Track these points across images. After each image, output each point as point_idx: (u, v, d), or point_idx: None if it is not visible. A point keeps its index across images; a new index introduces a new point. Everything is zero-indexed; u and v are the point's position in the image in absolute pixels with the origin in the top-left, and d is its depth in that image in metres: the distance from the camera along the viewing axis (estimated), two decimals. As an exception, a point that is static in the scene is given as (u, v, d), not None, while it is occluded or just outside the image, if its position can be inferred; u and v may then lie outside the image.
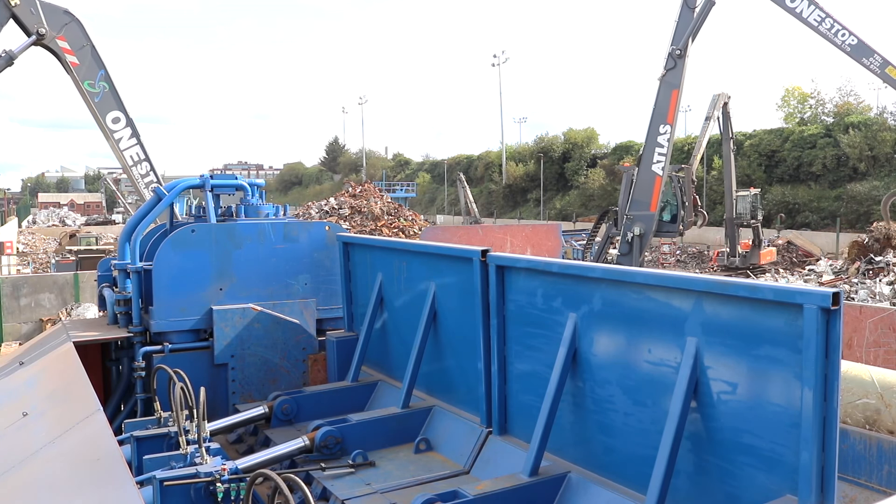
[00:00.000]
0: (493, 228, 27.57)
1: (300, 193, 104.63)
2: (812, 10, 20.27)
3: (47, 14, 15.09)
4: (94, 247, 34.84)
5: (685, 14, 21.23)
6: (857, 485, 4.48)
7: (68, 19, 15.35)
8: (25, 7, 14.79)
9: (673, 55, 21.00)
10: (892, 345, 9.06)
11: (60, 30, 15.23)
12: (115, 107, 16.07)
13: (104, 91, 15.90)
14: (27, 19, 14.88)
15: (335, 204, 37.67)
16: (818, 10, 20.28)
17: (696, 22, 21.15)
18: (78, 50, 15.46)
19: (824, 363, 3.14)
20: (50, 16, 15.12)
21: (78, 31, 15.51)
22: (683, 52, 21.05)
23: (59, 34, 15.21)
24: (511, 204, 73.40)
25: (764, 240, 33.83)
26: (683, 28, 21.17)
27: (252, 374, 6.74)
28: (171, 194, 7.12)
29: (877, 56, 20.73)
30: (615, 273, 4.28)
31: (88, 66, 15.62)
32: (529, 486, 4.34)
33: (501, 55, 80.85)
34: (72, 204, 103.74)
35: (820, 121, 54.90)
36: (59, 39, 15.23)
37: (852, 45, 20.60)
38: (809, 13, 20.28)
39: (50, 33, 15.10)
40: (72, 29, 15.37)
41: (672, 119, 21.30)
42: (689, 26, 21.12)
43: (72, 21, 15.38)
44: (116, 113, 16.02)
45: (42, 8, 15.02)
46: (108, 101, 15.99)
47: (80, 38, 15.55)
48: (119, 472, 3.58)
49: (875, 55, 20.71)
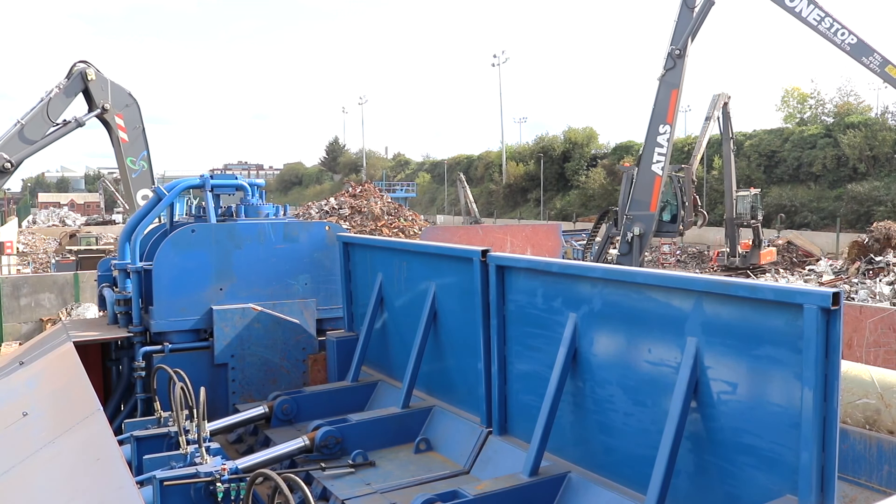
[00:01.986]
0: (493, 228, 27.58)
1: (300, 193, 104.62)
2: (812, 10, 20.27)
3: (114, 93, 17.15)
4: (94, 247, 34.82)
5: (685, 14, 21.21)
6: (857, 485, 4.48)
7: (130, 101, 17.33)
8: (98, 84, 16.87)
9: (672, 55, 21.01)
10: (892, 345, 9.05)
11: (122, 109, 17.21)
12: (147, 185, 17.84)
13: (142, 170, 17.76)
14: (97, 94, 16.90)
15: (335, 204, 37.70)
16: (818, 10, 20.26)
17: (696, 22, 21.14)
18: (131, 130, 17.40)
19: (824, 363, 3.14)
20: (116, 95, 17.17)
21: (135, 113, 17.47)
22: (683, 52, 21.05)
23: (119, 112, 17.19)
24: (511, 204, 73.39)
25: (764, 240, 33.83)
26: (683, 28, 21.16)
27: (252, 374, 6.74)
28: (171, 194, 7.12)
29: (876, 55, 20.73)
30: (615, 273, 4.28)
31: (136, 145, 17.48)
32: (529, 486, 4.34)
33: (501, 55, 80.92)
34: (72, 204, 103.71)
35: (820, 121, 54.92)
36: (118, 117, 17.19)
37: (852, 45, 20.57)
38: (809, 12, 20.28)
39: (112, 110, 17.08)
40: (131, 110, 17.37)
41: (672, 119, 21.30)
42: (688, 26, 21.11)
43: (133, 104, 17.36)
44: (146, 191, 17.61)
45: (111, 87, 17.13)
46: (144, 179, 17.85)
47: (135, 120, 17.45)
48: (119, 472, 3.57)
49: (875, 54, 20.71)
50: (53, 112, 16.48)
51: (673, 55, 20.97)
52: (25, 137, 16.32)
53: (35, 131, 16.30)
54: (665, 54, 21.09)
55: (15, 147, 16.21)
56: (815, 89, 58.35)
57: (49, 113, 16.39)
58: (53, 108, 16.48)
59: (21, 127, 16.21)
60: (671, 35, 21.20)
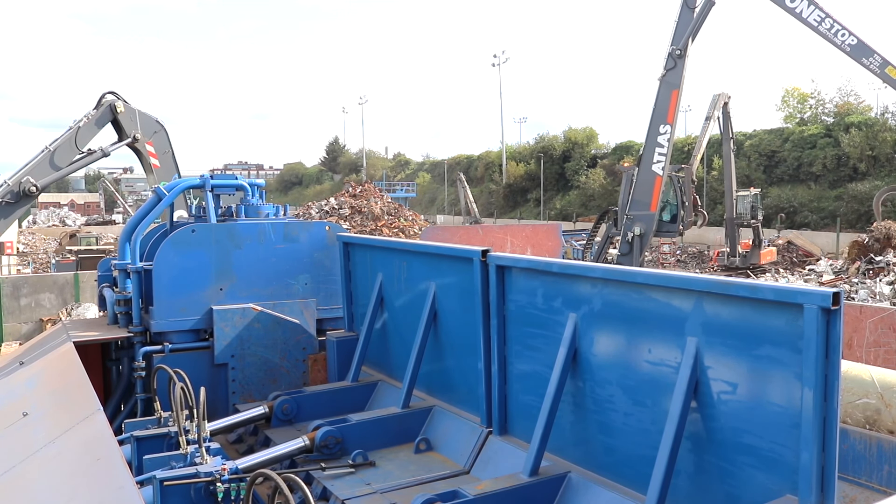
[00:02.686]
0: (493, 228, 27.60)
1: (300, 193, 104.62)
2: (812, 10, 20.30)
3: (143, 122, 17.57)
4: (94, 247, 34.83)
5: (685, 14, 21.22)
6: (857, 485, 4.48)
7: (158, 128, 17.76)
8: (127, 115, 17.32)
9: (673, 55, 20.99)
10: (892, 345, 9.05)
11: (151, 136, 17.66)
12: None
13: None
14: (126, 125, 17.34)
15: (335, 204, 37.71)
16: (818, 10, 20.29)
17: (696, 22, 21.14)
18: (161, 155, 17.80)
19: (824, 363, 3.14)
20: (145, 124, 17.60)
21: (164, 138, 17.91)
22: (683, 53, 21.05)
23: (149, 139, 17.63)
24: (511, 204, 73.39)
25: (764, 240, 33.84)
26: (683, 28, 21.15)
27: (252, 374, 6.74)
28: (171, 194, 7.12)
29: (876, 56, 20.77)
30: (615, 273, 4.28)
31: (167, 169, 17.77)
32: (529, 486, 4.34)
33: (501, 55, 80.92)
34: (72, 204, 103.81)
35: (820, 121, 54.91)
36: (148, 144, 17.60)
37: (852, 45, 20.61)
38: (809, 13, 20.31)
39: (142, 139, 17.53)
40: (160, 137, 17.80)
41: (672, 119, 21.28)
42: (689, 26, 21.10)
43: (161, 130, 17.79)
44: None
45: (139, 117, 17.58)
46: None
47: (164, 145, 17.88)
48: (119, 472, 3.57)
49: (875, 55, 20.75)
50: (81, 141, 17.03)
51: (674, 55, 20.96)
52: (53, 164, 16.81)
53: (63, 158, 16.83)
54: (665, 55, 21.09)
55: (42, 172, 16.72)
56: (816, 89, 58.39)
57: (77, 142, 16.93)
58: (82, 137, 17.00)
59: (50, 154, 16.74)
60: (671, 35, 21.18)
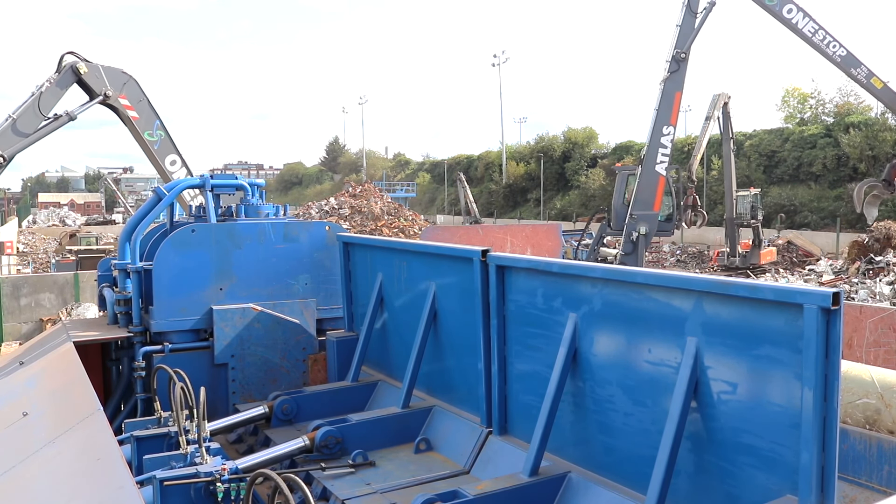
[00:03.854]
0: (493, 228, 27.55)
1: (300, 193, 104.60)
2: (807, 22, 21.21)
3: (109, 77, 16.91)
4: (94, 247, 34.84)
5: (688, 18, 21.46)
6: (857, 485, 4.48)
7: (126, 79, 17.13)
8: (91, 73, 16.63)
9: (677, 58, 21.19)
10: (892, 345, 9.04)
11: (121, 89, 17.04)
12: (172, 151, 17.92)
13: (161, 138, 17.68)
14: (94, 84, 16.69)
15: (335, 204, 37.71)
16: (812, 22, 21.21)
17: (700, 25, 21.36)
18: (136, 104, 17.27)
19: (824, 363, 3.14)
20: (112, 78, 16.95)
21: (135, 87, 17.34)
22: (687, 56, 21.29)
23: (121, 93, 17.03)
24: (511, 204, 73.36)
25: (764, 240, 33.83)
26: (687, 32, 21.35)
27: (252, 374, 6.74)
28: (171, 194, 7.12)
29: (863, 67, 21.91)
30: (615, 273, 4.28)
31: (147, 117, 17.41)
32: (529, 486, 4.34)
33: (501, 55, 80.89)
34: (72, 204, 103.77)
35: (820, 121, 54.86)
36: (121, 98, 17.01)
37: (842, 56, 21.70)
38: (804, 24, 21.22)
39: (114, 94, 16.93)
40: (130, 87, 17.20)
41: (675, 120, 21.59)
42: (692, 30, 21.32)
43: (129, 80, 17.18)
44: (173, 156, 17.86)
45: (105, 72, 16.89)
46: (166, 146, 17.80)
47: (137, 94, 17.34)
48: (119, 472, 3.57)
49: (862, 66, 21.87)
50: (45, 106, 16.38)
51: (678, 59, 21.17)
52: (18, 131, 16.21)
53: (27, 125, 16.27)
54: (668, 58, 21.25)
55: (7, 141, 16.15)
56: (816, 89, 58.30)
57: (41, 107, 16.29)
58: (45, 102, 16.34)
59: (13, 121, 16.19)
60: (674, 39, 21.33)
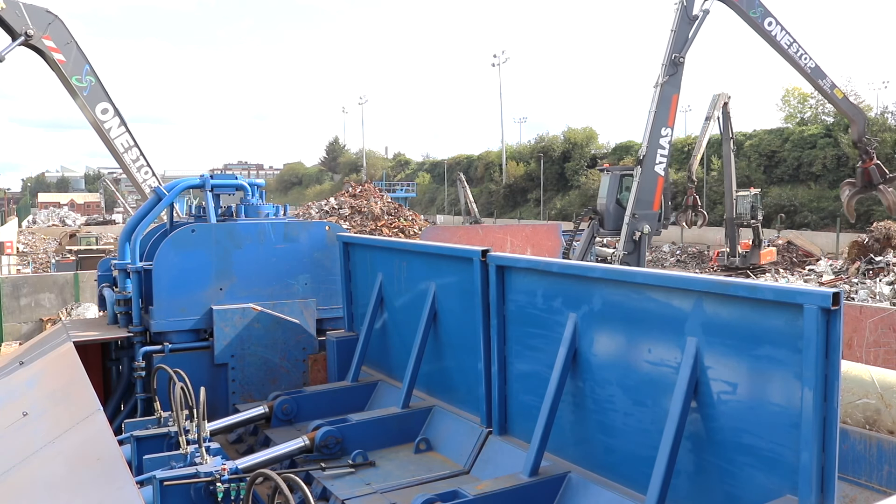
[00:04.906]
0: (493, 228, 27.53)
1: (300, 193, 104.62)
2: (784, 35, 22.73)
3: (31, 15, 15.81)
4: (94, 247, 34.85)
5: (684, 23, 21.94)
6: (857, 485, 4.48)
7: (51, 18, 16.02)
8: (10, 10, 15.52)
9: (675, 62, 21.68)
10: (892, 345, 9.05)
11: (45, 29, 15.92)
12: (103, 98, 16.95)
13: (91, 84, 16.68)
14: (13, 22, 15.57)
15: (335, 204, 37.68)
16: (788, 35, 22.77)
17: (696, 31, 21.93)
18: (63, 46, 16.13)
19: (824, 363, 3.14)
20: (34, 17, 15.84)
21: (62, 28, 16.19)
22: (684, 59, 21.83)
23: (45, 34, 15.91)
24: (511, 204, 73.37)
25: (764, 240, 33.86)
26: (683, 37, 21.87)
27: (252, 374, 6.74)
28: (171, 194, 7.12)
29: (828, 79, 23.85)
30: (615, 273, 4.28)
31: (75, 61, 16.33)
32: (529, 486, 4.34)
33: (501, 55, 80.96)
34: (72, 204, 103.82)
35: (820, 121, 54.87)
36: (45, 39, 15.92)
37: (812, 68, 23.47)
38: (782, 37, 22.79)
39: (37, 33, 15.80)
40: (56, 27, 16.06)
41: (672, 122, 22.12)
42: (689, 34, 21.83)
43: (55, 20, 16.07)
44: (105, 104, 16.95)
45: (26, 10, 15.75)
46: (96, 93, 16.82)
47: (64, 36, 16.22)
48: (119, 472, 3.57)
49: (826, 78, 23.78)
50: None
51: (676, 62, 21.67)
52: None
53: None
54: (666, 62, 21.75)
55: None
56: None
57: None
58: None
59: None
60: (671, 43, 21.82)
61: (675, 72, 21.63)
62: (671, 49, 21.63)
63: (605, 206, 25.74)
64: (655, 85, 21.77)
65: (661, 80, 21.57)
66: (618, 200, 26.03)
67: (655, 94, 21.71)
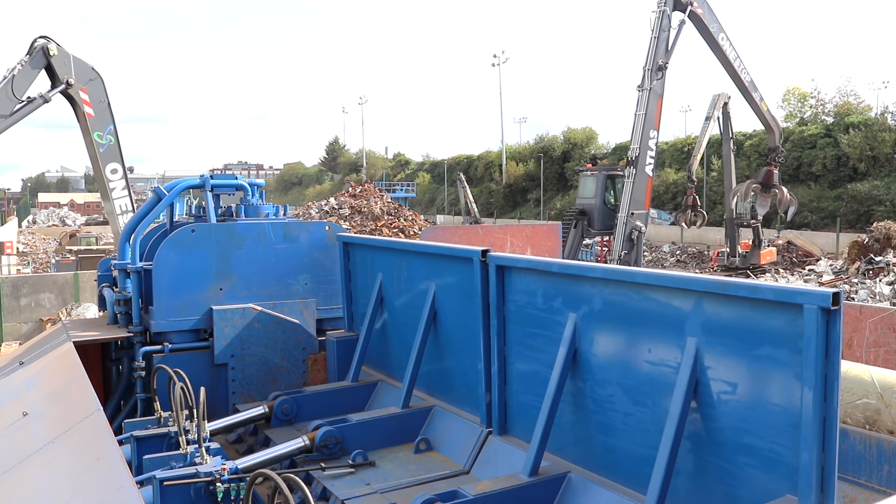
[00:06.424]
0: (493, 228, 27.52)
1: (300, 193, 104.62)
2: (731, 49, 25.22)
3: (77, 68, 17.04)
4: (94, 247, 34.87)
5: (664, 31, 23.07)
6: (857, 485, 4.47)
7: (94, 76, 17.23)
8: (60, 59, 16.73)
9: (663, 68, 22.87)
10: (892, 345, 9.04)
11: (85, 83, 17.11)
12: (116, 159, 17.87)
13: (110, 144, 17.67)
14: (60, 69, 16.75)
15: (335, 204, 37.65)
16: (734, 49, 25.37)
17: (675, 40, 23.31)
18: (96, 104, 17.29)
19: (824, 363, 3.14)
20: (79, 70, 17.07)
21: (100, 87, 17.39)
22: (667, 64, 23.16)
23: (83, 87, 17.08)
24: (511, 204, 73.35)
25: (764, 240, 33.84)
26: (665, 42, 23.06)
27: (252, 374, 6.74)
28: (171, 194, 7.12)
29: (759, 92, 27.19)
30: (615, 273, 4.28)
31: (102, 119, 17.38)
32: (529, 486, 4.34)
33: (501, 55, 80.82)
34: (72, 204, 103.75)
35: (820, 121, 54.83)
36: (82, 91, 17.06)
37: (748, 82, 26.41)
38: (730, 51, 25.15)
39: (76, 85, 16.98)
40: (95, 85, 17.26)
41: (658, 125, 23.46)
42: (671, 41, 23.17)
43: (96, 78, 17.27)
44: (115, 165, 17.85)
45: (74, 62, 17.00)
46: (112, 153, 17.79)
47: (100, 94, 17.37)
48: (119, 472, 3.57)
49: (758, 91, 27.11)
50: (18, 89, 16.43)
51: (663, 68, 22.89)
52: None
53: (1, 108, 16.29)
54: (650, 67, 22.86)
55: None
56: (816, 89, 58.33)
57: (14, 90, 16.35)
58: (18, 84, 16.35)
59: None
60: (653, 49, 22.90)
61: (660, 77, 22.84)
62: (655, 55, 22.80)
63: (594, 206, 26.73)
64: (639, 88, 22.89)
65: (647, 84, 22.67)
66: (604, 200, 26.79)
67: (641, 97, 22.85)
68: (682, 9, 23.08)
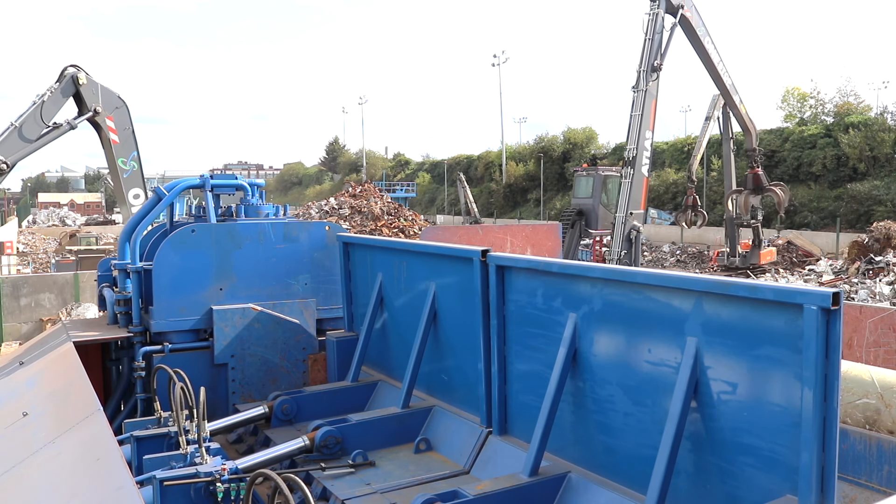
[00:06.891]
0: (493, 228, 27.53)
1: (300, 193, 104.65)
2: (716, 52, 25.52)
3: (104, 96, 17.75)
4: (94, 247, 34.87)
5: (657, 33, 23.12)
6: (857, 485, 4.48)
7: (119, 104, 17.89)
8: (89, 88, 17.42)
9: (658, 69, 23.00)
10: (892, 345, 9.04)
11: (111, 111, 17.76)
12: (138, 184, 18.55)
13: (133, 170, 18.37)
14: (88, 98, 17.46)
15: (335, 204, 37.65)
16: (718, 53, 25.73)
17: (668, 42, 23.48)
18: (121, 131, 17.96)
19: (824, 363, 3.14)
20: (106, 98, 17.77)
21: (125, 115, 18.06)
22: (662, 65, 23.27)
23: (110, 115, 17.75)
24: (511, 204, 73.37)
25: (764, 240, 33.85)
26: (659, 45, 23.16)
27: (252, 374, 6.74)
28: (171, 194, 7.11)
29: (738, 94, 27.73)
30: (615, 273, 4.28)
31: (126, 146, 18.02)
32: (529, 486, 4.34)
33: (501, 55, 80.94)
34: (72, 204, 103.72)
35: (820, 121, 54.83)
36: (109, 119, 17.76)
37: (729, 85, 26.87)
38: (714, 54, 25.46)
39: (103, 113, 17.66)
40: (121, 113, 17.93)
41: (653, 126, 23.63)
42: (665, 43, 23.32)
43: (122, 106, 17.94)
44: (138, 190, 18.51)
45: (101, 91, 17.72)
46: (135, 178, 18.47)
47: (125, 121, 18.05)
48: (119, 472, 3.57)
49: (738, 93, 27.69)
50: (47, 114, 16.98)
51: (657, 69, 23.02)
52: (23, 137, 16.77)
53: (30, 132, 16.83)
54: (645, 68, 23.00)
55: (10, 148, 16.61)
56: (816, 89, 58.32)
57: (42, 115, 16.89)
58: (47, 110, 16.91)
59: (16, 129, 16.71)
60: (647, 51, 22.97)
61: (655, 78, 22.97)
62: (649, 56, 22.89)
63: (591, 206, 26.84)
64: (634, 89, 23.02)
65: (642, 86, 22.78)
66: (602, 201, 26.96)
67: (636, 98, 23.01)
68: (674, 12, 23.38)
